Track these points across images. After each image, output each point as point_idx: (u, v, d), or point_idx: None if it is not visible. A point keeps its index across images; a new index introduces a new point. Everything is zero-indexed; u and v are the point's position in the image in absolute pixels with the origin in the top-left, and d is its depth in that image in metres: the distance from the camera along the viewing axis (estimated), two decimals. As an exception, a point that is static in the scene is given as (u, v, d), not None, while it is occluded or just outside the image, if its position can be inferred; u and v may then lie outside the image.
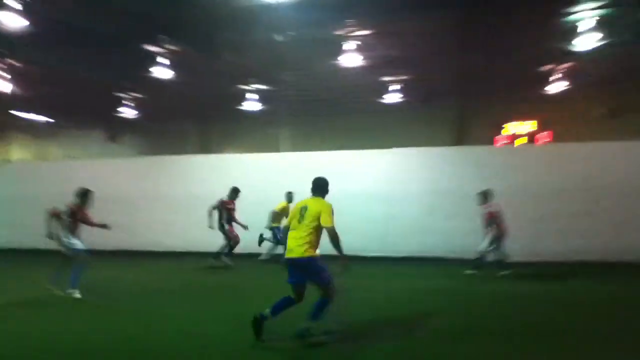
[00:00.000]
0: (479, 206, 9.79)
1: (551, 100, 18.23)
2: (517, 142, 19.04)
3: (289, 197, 11.42)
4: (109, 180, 13.30)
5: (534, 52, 14.73)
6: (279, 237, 10.37)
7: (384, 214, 12.02)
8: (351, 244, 11.90)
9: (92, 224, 8.00)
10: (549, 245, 11.17)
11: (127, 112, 20.23)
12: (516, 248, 10.44)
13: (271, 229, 11.57)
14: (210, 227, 10.97)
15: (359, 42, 13.44)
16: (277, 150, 18.51)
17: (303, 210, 5.69)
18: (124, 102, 19.45)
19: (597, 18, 12.35)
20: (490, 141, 18.27)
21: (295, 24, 12.21)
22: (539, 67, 16.37)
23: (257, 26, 12.47)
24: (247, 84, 18.04)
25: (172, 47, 13.94)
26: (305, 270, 5.51)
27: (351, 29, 12.95)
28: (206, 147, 21.63)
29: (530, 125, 19.97)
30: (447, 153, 12.12)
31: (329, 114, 20.18)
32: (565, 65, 16.09)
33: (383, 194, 12.05)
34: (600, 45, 13.29)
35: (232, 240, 11.07)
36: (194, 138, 22.95)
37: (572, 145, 11.72)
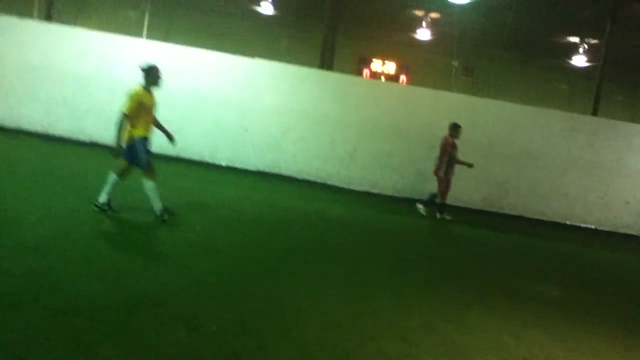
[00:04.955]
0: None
1: (413, 46, 18.94)
2: (377, 79, 19.63)
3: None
4: None
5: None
6: None
7: (237, 124, 11.75)
8: (201, 150, 11.75)
9: None
10: (386, 179, 11.86)
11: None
12: (362, 176, 11.18)
13: None
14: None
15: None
16: (138, 35, 16.93)
17: None
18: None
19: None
20: (353, 72, 18.57)
21: None
22: (410, 11, 16.79)
23: None
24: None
25: None
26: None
27: None
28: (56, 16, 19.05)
29: (391, 66, 20.65)
30: (311, 75, 12.02)
31: (197, 9, 18.87)
32: (431, 14, 16.69)
33: (239, 104, 11.72)
34: (469, 3, 13.85)
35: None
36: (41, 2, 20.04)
37: (423, 90, 12.28)
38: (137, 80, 6.39)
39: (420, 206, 10.41)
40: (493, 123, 11.80)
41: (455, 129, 9.87)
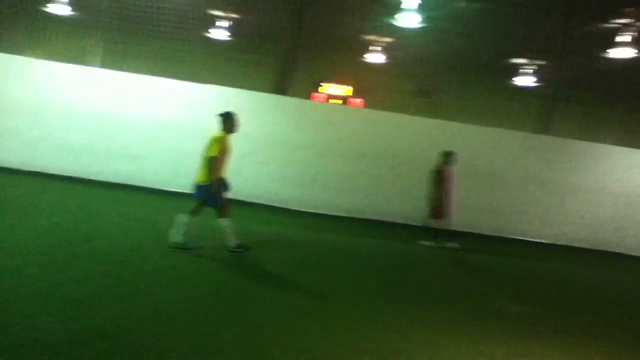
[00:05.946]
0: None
1: (368, 70, 19.20)
2: (332, 102, 19.73)
3: None
4: None
5: (361, 18, 15.30)
6: None
7: (196, 150, 11.55)
8: (160, 177, 11.53)
9: None
10: (349, 201, 11.86)
11: None
12: (324, 199, 11.23)
13: None
14: None
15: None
16: (93, 64, 16.62)
17: None
18: None
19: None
20: (308, 96, 18.66)
21: None
22: (362, 35, 17.07)
23: None
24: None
25: None
26: None
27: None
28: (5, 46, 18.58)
29: (345, 89, 20.83)
30: (267, 100, 12.05)
31: (152, 36, 18.68)
32: (386, 38, 17.01)
33: (197, 130, 11.58)
34: (419, 27, 14.17)
35: None
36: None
37: (382, 113, 12.45)
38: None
39: (424, 242, 10.08)
40: (451, 144, 11.96)
41: (449, 156, 9.86)
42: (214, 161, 6.65)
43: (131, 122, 11.35)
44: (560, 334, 5.69)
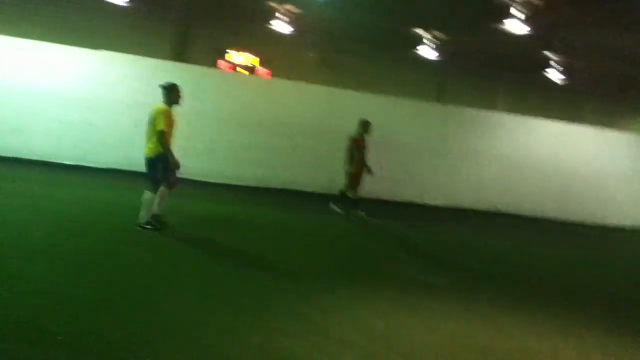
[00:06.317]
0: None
1: (274, 40, 18.97)
2: (239, 71, 19.34)
3: None
4: None
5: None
6: None
7: (83, 120, 10.97)
8: (42, 149, 10.82)
9: None
10: (249, 171, 11.78)
11: None
12: (224, 169, 10.98)
13: None
14: None
15: None
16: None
17: None
18: None
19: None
20: (212, 65, 18.17)
21: None
22: (268, 3, 16.78)
23: None
24: None
25: None
26: None
27: None
28: None
29: (251, 58, 20.49)
30: (164, 67, 11.55)
31: (43, 1, 17.32)
32: (291, 8, 16.83)
33: (85, 99, 10.96)
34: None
35: None
36: None
37: (282, 82, 12.38)
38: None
39: (333, 206, 10.14)
40: (351, 113, 12.11)
41: (365, 125, 9.84)
42: (163, 135, 6.44)
43: (12, 91, 10.50)
44: (459, 297, 6.00)
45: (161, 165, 6.54)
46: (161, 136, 6.44)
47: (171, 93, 6.73)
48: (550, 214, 13.23)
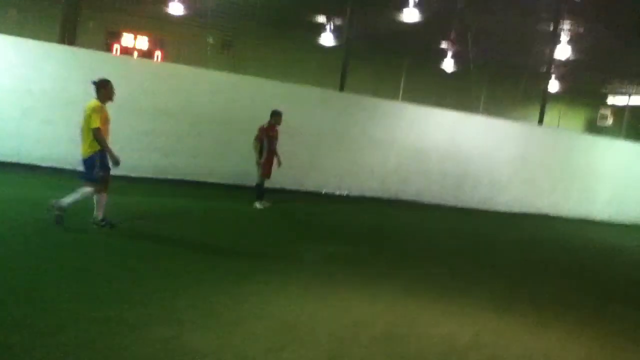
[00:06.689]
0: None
1: (168, 22, 18.26)
2: (130, 55, 18.41)
3: None
4: None
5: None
6: None
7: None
8: None
9: None
10: (149, 160, 11.31)
11: None
12: (122, 159, 10.40)
13: None
14: None
15: None
16: None
17: None
18: None
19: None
20: (103, 48, 17.15)
21: None
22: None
23: None
24: None
25: None
26: None
27: None
28: None
29: (145, 41, 19.58)
30: (52, 50, 10.76)
31: None
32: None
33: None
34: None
35: None
36: None
37: (181, 67, 11.97)
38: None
39: (257, 204, 10.06)
40: (252, 100, 12.00)
41: (275, 116, 9.91)
42: (99, 132, 6.48)
43: None
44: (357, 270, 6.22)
45: (99, 163, 6.60)
46: (97, 133, 6.48)
47: (103, 89, 6.73)
48: (450, 201, 13.97)
